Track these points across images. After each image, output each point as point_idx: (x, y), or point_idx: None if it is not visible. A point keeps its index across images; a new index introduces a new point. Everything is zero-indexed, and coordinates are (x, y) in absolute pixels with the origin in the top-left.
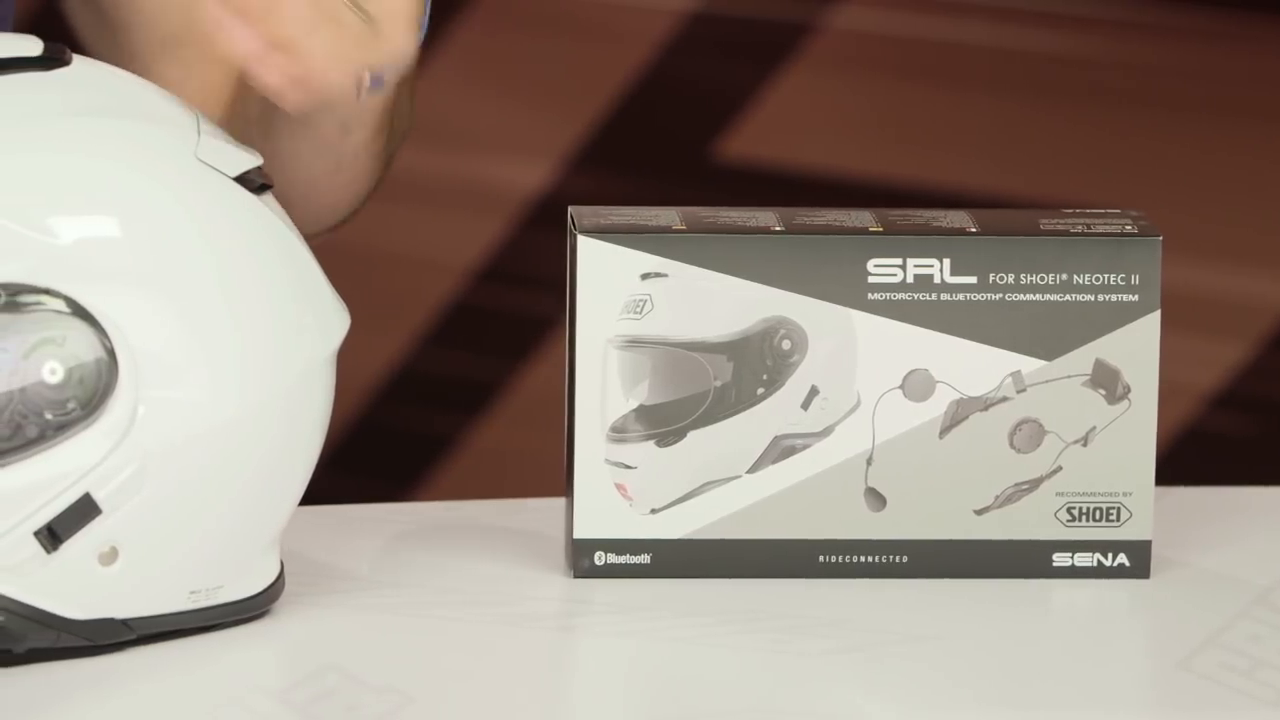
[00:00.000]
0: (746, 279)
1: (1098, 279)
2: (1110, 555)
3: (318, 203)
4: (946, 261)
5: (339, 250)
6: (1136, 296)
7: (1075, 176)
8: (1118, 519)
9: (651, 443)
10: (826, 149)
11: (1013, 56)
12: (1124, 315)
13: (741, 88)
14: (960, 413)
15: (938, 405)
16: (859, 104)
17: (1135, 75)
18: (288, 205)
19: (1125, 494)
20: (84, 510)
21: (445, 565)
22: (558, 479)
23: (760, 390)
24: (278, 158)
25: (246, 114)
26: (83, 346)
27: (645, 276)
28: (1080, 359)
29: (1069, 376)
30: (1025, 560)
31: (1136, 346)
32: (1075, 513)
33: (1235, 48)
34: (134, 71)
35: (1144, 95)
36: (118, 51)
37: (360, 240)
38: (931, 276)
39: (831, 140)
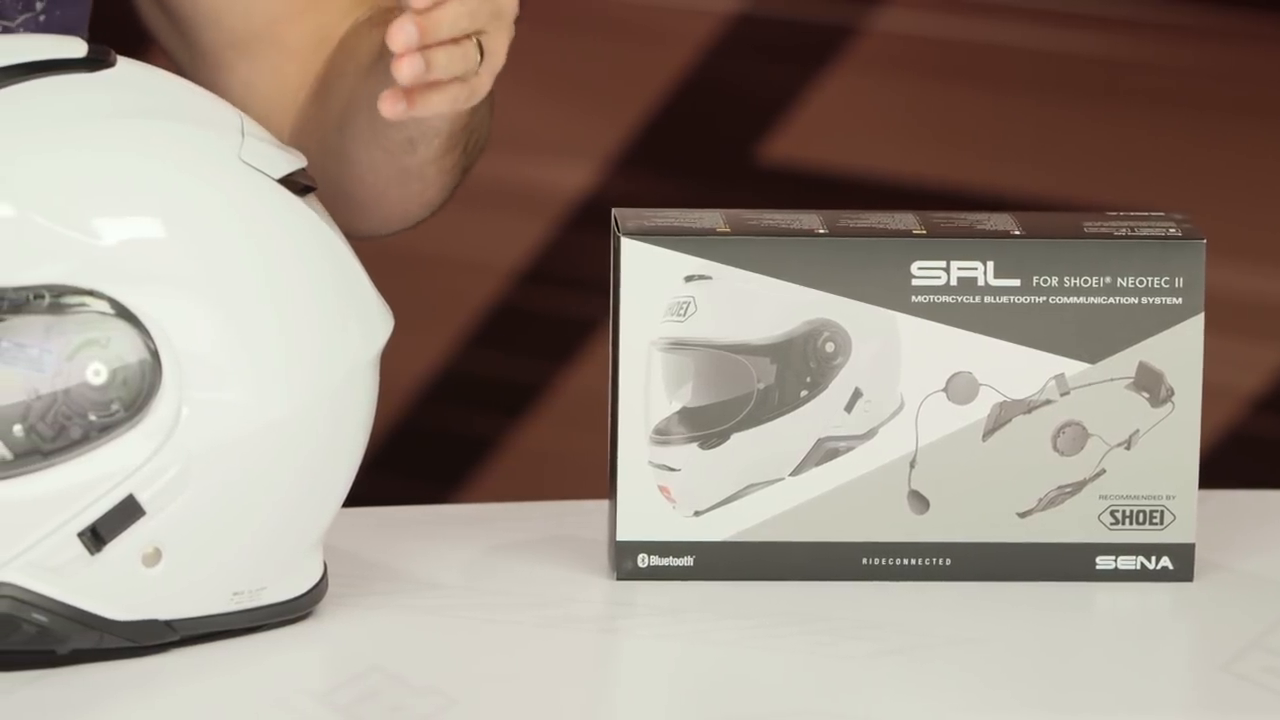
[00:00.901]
0: (790, 281)
1: (1141, 282)
2: (1153, 558)
3: (387, 209)
4: (990, 264)
5: (382, 252)
6: (1180, 299)
7: (1116, 179)
8: (1161, 522)
9: (695, 445)
10: (869, 151)
11: (1055, 59)
12: (1168, 318)
13: (785, 90)
14: (1004, 415)
15: (981, 408)
16: (902, 106)
17: (1176, 77)
18: (358, 208)
19: (1169, 497)
20: (127, 511)
21: (488, 567)
22: (601, 481)
23: (804, 393)
24: (352, 162)
25: (326, 118)
26: (126, 348)
27: (689, 279)
28: (1124, 362)
29: (1112, 379)
30: (1068, 563)
31: (1180, 349)
32: (1118, 516)
33: (1277, 50)
34: (206, 70)
35: (1185, 97)
36: (189, 50)
37: (403, 242)
38: (975, 279)
39: (874, 142)
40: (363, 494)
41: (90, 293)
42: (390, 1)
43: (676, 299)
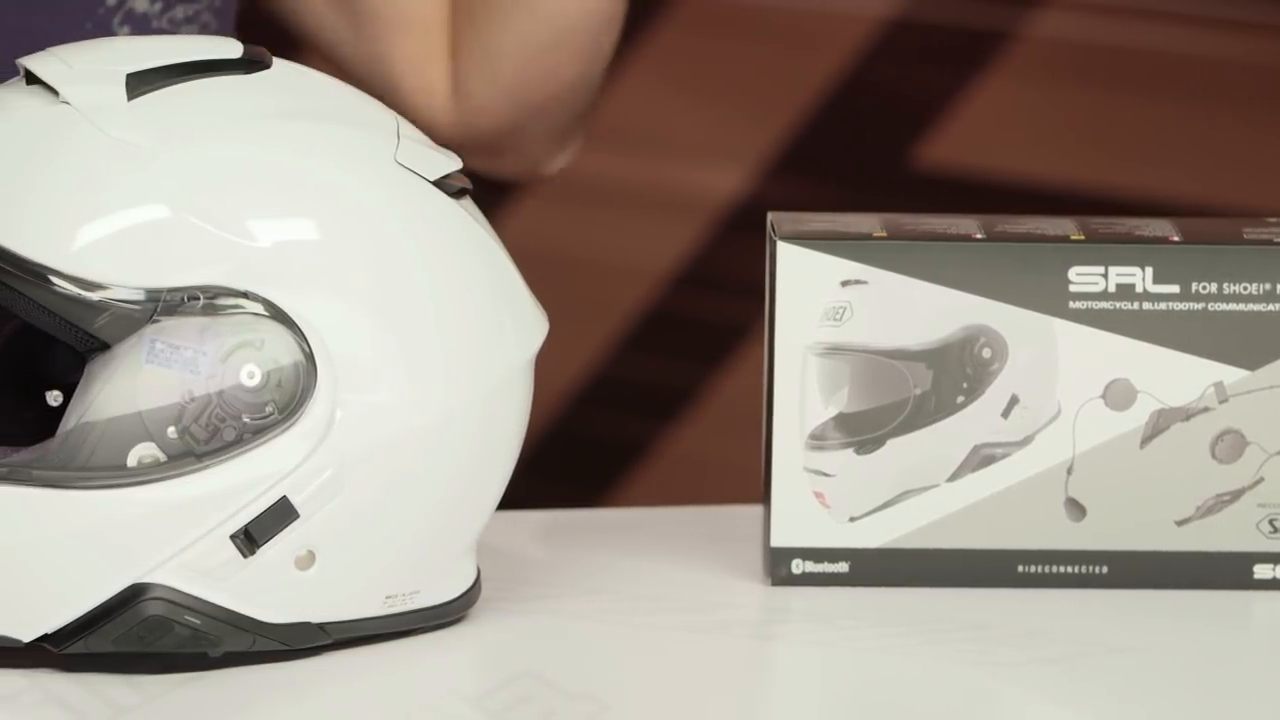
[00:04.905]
0: (947, 286)
1: None
2: None
3: None
4: (1149, 270)
5: (537, 255)
6: None
7: (1276, 184)
8: None
9: (850, 450)
10: (1025, 156)
11: (1212, 64)
12: None
13: (940, 94)
14: (1162, 423)
15: (1139, 415)
16: (1058, 111)
17: None
18: None
19: None
20: (281, 514)
21: (642, 571)
22: (755, 486)
23: (960, 398)
24: None
25: None
26: (281, 350)
27: (845, 283)
28: None
29: (1272, 387)
30: (1226, 571)
31: None
32: (1277, 524)
33: None
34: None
35: None
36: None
37: (557, 245)
38: (1133, 285)
39: (1030, 147)
40: (516, 497)
41: (245, 294)
42: None
43: (832, 303)
